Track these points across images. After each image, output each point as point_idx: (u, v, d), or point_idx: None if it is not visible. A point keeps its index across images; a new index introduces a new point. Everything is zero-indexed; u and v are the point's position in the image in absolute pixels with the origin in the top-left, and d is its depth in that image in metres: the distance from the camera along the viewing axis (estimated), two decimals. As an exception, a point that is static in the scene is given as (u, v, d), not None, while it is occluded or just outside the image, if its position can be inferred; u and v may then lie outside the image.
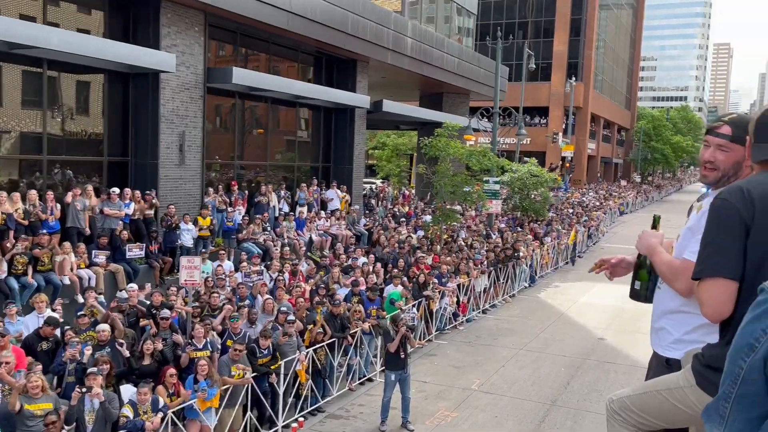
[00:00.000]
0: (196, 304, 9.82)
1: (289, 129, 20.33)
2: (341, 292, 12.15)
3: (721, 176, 2.42)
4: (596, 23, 52.71)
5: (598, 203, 36.68)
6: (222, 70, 15.28)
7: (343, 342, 10.43)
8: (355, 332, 10.78)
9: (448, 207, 17.44)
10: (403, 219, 20.47)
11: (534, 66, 34.26)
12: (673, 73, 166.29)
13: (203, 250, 13.02)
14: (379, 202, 24.73)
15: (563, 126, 48.80)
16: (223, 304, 9.97)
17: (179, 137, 14.28)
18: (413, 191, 28.76)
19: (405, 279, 13.56)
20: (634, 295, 2.69)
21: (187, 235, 13.39)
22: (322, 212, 18.00)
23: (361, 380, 11.22)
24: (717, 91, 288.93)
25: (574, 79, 46.44)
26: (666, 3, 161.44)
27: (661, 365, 2.49)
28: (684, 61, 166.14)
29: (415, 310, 12.66)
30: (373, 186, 31.88)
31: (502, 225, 22.12)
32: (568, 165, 44.86)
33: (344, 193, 20.10)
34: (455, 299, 14.76)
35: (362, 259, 14.45)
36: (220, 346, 8.91)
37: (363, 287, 12.26)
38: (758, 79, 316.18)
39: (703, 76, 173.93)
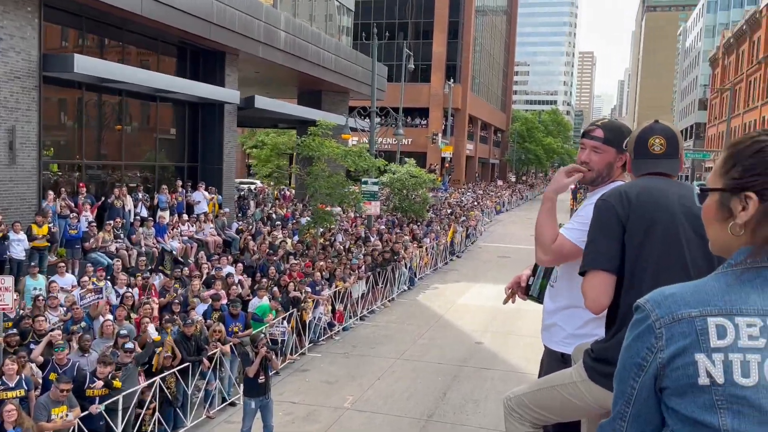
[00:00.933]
0: (13, 330, 8.23)
1: (148, 126, 18.57)
2: (200, 308, 10.92)
3: (596, 176, 2.60)
4: (473, 27, 54.01)
5: (476, 203, 37.31)
6: (62, 57, 13.44)
7: (200, 366, 9.25)
8: (214, 354, 9.63)
9: (324, 209, 16.57)
10: (279, 222, 19.33)
11: (413, 67, 34.24)
12: (544, 78, 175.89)
13: (32, 264, 11.26)
14: (258, 204, 23.44)
15: (443, 127, 49.52)
16: (53, 329, 8.48)
17: (8, 133, 12.34)
18: (294, 192, 27.66)
19: (275, 289, 12.53)
20: (528, 292, 2.87)
21: (18, 247, 11.55)
22: (186, 216, 16.50)
23: (222, 405, 10.07)
24: (583, 96, 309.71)
25: (452, 81, 47.23)
26: (536, 12, 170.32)
27: (556, 361, 2.60)
28: (553, 68, 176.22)
29: (285, 323, 11.68)
30: (253, 186, 30.41)
31: (382, 227, 21.59)
32: (447, 165, 45.53)
33: (213, 195, 18.67)
34: (330, 308, 13.91)
35: (228, 269, 13.21)
36: (41, 382, 7.47)
37: (225, 301, 11.08)
38: (618, 85, 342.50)
39: (570, 81, 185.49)
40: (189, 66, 19.03)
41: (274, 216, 21.35)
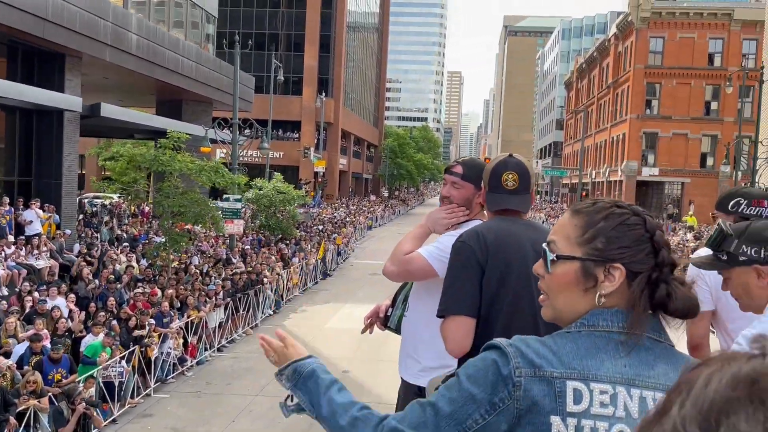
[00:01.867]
0: None
1: (-32, 134, 16.11)
2: (17, 351, 9.21)
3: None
4: (345, 42, 53.86)
5: (348, 219, 36.77)
6: None
7: (5, 426, 7.63)
8: (28, 409, 8.03)
9: (178, 230, 15.06)
10: (126, 244, 17.45)
11: (282, 78, 33.19)
12: (415, 95, 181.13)
13: None
14: (107, 223, 21.23)
15: (315, 141, 48.73)
16: None
17: None
18: (153, 208, 25.47)
19: (114, 323, 10.97)
20: (386, 323, 2.92)
21: None
22: (11, 237, 14.33)
23: (39, 468, 8.45)
24: (451, 114, 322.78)
25: (324, 94, 46.66)
26: (407, 31, 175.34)
27: (413, 394, 2.62)
28: (424, 85, 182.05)
29: (124, 362, 10.19)
30: (106, 202, 27.73)
31: (246, 247, 20.27)
32: (320, 180, 44.75)
33: (50, 214, 16.50)
34: (181, 341, 12.50)
35: (57, 301, 11.43)
36: None
37: (47, 342, 9.43)
38: (483, 104, 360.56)
39: (440, 99, 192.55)
40: (21, 68, 16.77)
41: (125, 236, 19.38)
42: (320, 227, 28.89)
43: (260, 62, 45.17)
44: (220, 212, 16.26)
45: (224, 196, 17.83)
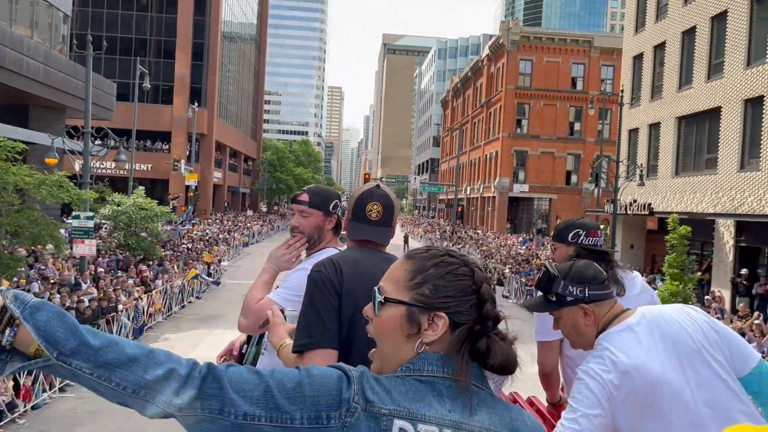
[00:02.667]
0: None
1: None
2: None
3: (308, 239, 2.71)
4: (219, 51, 51.81)
5: (221, 236, 34.94)
6: None
7: None
8: None
9: (8, 253, 13.09)
10: (-49, 269, 15.00)
11: (149, 86, 30.99)
12: (295, 109, 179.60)
13: None
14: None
15: (187, 153, 46.27)
16: None
17: None
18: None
19: None
20: (242, 361, 2.79)
21: None
22: None
23: None
24: (332, 129, 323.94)
25: (197, 104, 44.44)
26: (287, 44, 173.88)
27: None
28: (304, 99, 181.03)
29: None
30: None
31: (100, 269, 18.28)
32: (192, 194, 42.42)
33: None
34: (11, 383, 10.70)
35: None
36: None
37: None
38: (364, 120, 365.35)
39: (320, 114, 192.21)
40: None
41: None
42: (188, 246, 27.00)
43: (126, 68, 42.26)
44: (64, 232, 14.38)
45: (73, 213, 15.89)
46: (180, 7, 48.16)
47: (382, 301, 1.30)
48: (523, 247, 35.84)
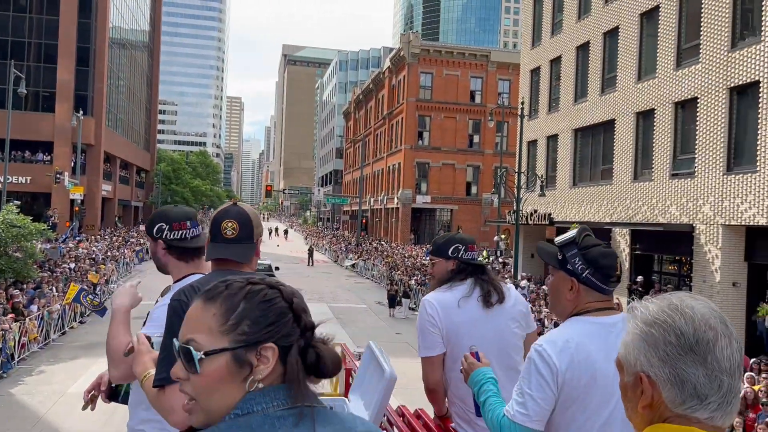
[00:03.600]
0: None
1: None
2: None
3: (162, 267, 2.68)
4: (107, 57, 48.69)
5: (110, 253, 32.47)
6: None
7: None
8: None
9: None
10: None
11: (25, 91, 28.36)
12: (193, 119, 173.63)
13: None
14: None
15: (72, 164, 42.97)
16: None
17: None
18: None
19: None
20: (111, 396, 2.70)
21: None
22: None
23: None
24: (232, 139, 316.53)
25: (82, 112, 41.40)
26: (182, 52, 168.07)
27: None
28: (202, 109, 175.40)
29: None
30: None
31: (-38, 295, 16.12)
32: (77, 209, 39.35)
33: None
34: None
35: None
36: None
37: None
38: (265, 132, 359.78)
39: (219, 124, 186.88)
40: None
41: None
42: (71, 266, 24.72)
43: (2, 73, 38.67)
44: None
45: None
46: (62, 9, 44.79)
47: (203, 356, 1.20)
48: (427, 258, 35.86)
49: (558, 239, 2.21)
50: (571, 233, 2.19)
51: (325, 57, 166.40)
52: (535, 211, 25.82)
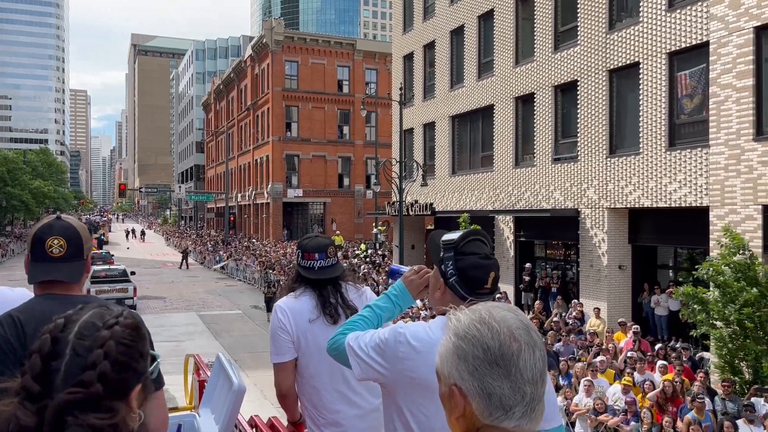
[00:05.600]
0: None
1: None
2: None
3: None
4: None
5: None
6: None
7: None
8: None
9: None
10: None
11: None
12: (31, 114, 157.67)
13: None
14: None
15: None
16: None
17: None
18: None
19: None
20: None
21: None
22: None
23: None
24: (78, 136, 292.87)
25: None
26: (15, 41, 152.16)
27: None
28: (42, 103, 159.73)
29: None
30: None
31: None
32: None
33: None
34: None
35: None
36: None
37: None
38: (116, 126, 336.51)
39: (62, 119, 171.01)
40: None
41: None
42: None
43: None
44: None
45: None
46: None
47: None
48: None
49: (444, 237, 2.12)
50: (457, 234, 2.09)
51: (180, 47, 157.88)
52: (416, 202, 25.02)
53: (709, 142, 13.32)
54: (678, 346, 13.36)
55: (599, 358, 11.20)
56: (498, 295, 18.77)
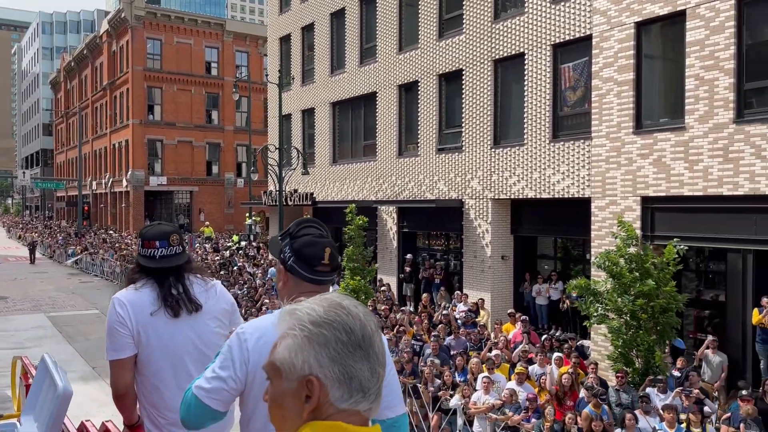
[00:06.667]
0: None
1: None
2: None
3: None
4: None
5: None
6: None
7: None
8: None
9: None
10: None
11: None
12: None
13: None
14: None
15: None
16: None
17: None
18: None
19: None
20: None
21: None
22: None
23: None
24: None
25: None
26: None
27: None
28: None
29: None
30: None
31: None
32: None
33: None
34: None
35: None
36: None
37: None
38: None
39: None
40: None
41: None
42: None
43: None
44: None
45: None
46: None
47: None
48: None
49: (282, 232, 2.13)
50: (290, 227, 2.15)
51: (22, 19, 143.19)
52: (296, 191, 23.92)
53: (592, 135, 13.57)
54: (561, 335, 13.57)
55: (494, 352, 10.97)
56: (383, 288, 18.29)
